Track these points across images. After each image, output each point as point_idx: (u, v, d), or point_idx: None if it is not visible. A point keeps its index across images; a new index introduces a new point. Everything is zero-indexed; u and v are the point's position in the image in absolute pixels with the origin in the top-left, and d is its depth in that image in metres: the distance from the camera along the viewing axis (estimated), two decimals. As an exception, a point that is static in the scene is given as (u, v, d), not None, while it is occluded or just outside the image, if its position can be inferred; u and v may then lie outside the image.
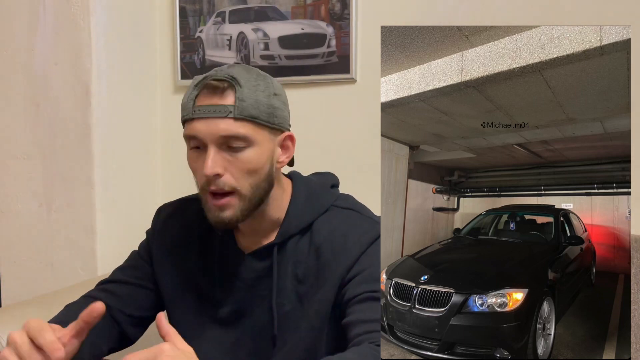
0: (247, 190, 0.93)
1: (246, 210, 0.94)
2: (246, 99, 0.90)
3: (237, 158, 0.91)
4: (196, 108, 0.91)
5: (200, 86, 0.92)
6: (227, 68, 0.94)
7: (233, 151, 0.91)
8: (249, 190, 0.93)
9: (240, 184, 0.92)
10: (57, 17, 1.72)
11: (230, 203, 0.92)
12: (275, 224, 1.02)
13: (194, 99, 0.92)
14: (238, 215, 0.93)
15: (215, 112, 0.89)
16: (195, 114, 0.90)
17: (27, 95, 1.77)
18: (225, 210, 0.92)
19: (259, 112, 0.91)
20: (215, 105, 0.90)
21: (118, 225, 1.80)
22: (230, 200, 0.92)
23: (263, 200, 0.97)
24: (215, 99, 0.90)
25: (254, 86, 0.92)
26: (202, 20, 1.90)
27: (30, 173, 1.79)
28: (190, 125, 0.91)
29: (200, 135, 0.90)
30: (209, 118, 0.89)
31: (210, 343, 1.03)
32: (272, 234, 1.02)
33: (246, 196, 0.93)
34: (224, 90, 0.90)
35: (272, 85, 0.95)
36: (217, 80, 0.90)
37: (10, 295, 1.84)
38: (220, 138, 0.89)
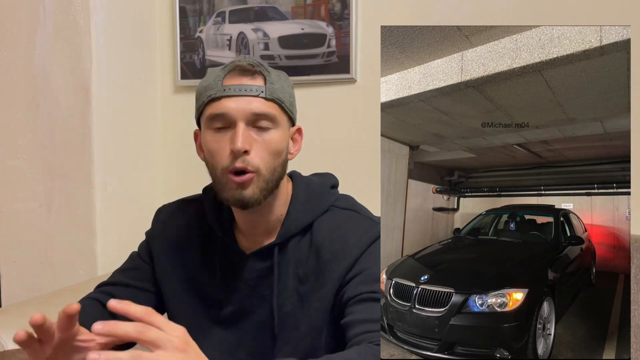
0: (267, 172, 0.94)
1: (265, 191, 0.95)
2: (275, 82, 0.95)
3: (263, 138, 0.94)
4: (226, 87, 0.93)
5: (228, 68, 0.95)
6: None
7: (260, 131, 0.94)
8: (269, 171, 0.95)
9: (263, 164, 0.94)
10: (57, 17, 1.72)
11: (252, 181, 0.93)
12: (275, 223, 1.02)
13: (221, 79, 0.94)
14: (258, 194, 0.94)
15: (247, 90, 0.93)
16: (225, 92, 0.93)
17: (27, 95, 1.77)
18: (247, 188, 0.93)
19: (284, 97, 0.96)
20: (247, 85, 0.93)
21: (118, 225, 1.80)
22: (252, 176, 0.93)
23: (277, 186, 0.98)
24: (245, 80, 0.94)
25: (277, 75, 0.97)
26: (202, 20, 1.90)
27: (30, 173, 1.79)
28: (218, 104, 0.93)
29: (232, 113, 0.92)
30: (240, 96, 0.93)
31: (211, 343, 1.02)
32: (272, 234, 1.02)
33: (266, 177, 0.94)
34: (254, 73, 0.94)
35: (289, 79, 1.01)
36: (248, 64, 0.95)
37: (10, 295, 1.84)
38: (251, 115, 0.92)
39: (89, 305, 1.06)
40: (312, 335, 0.99)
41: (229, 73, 0.94)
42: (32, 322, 0.71)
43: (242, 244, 1.04)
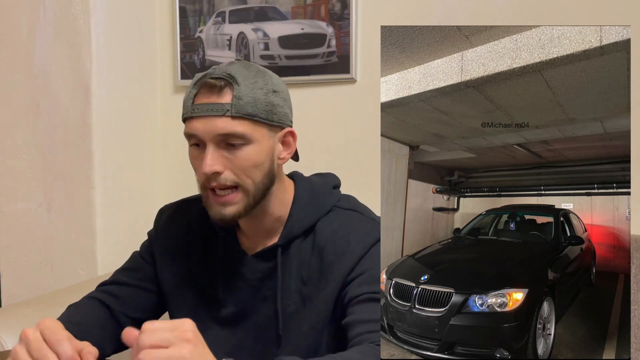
0: (249, 185, 0.93)
1: (248, 205, 0.94)
2: (244, 97, 0.90)
3: (236, 155, 0.91)
4: (194, 107, 0.91)
5: (198, 85, 0.92)
6: (226, 66, 0.94)
7: (232, 149, 0.91)
8: (251, 185, 0.93)
9: (241, 179, 0.92)
10: (57, 17, 1.72)
11: (233, 199, 0.93)
12: (277, 223, 1.02)
13: (192, 97, 0.92)
14: (241, 211, 0.94)
15: (212, 110, 0.89)
16: (193, 113, 0.91)
17: (27, 95, 1.77)
18: (228, 206, 0.93)
19: (257, 110, 0.91)
20: (212, 104, 0.90)
21: (118, 226, 1.80)
22: (233, 196, 0.93)
23: (264, 195, 0.97)
24: (213, 98, 0.90)
25: (252, 84, 0.91)
26: (202, 20, 1.90)
27: (30, 173, 1.79)
28: (190, 124, 0.92)
29: (199, 134, 0.91)
30: (206, 117, 0.90)
31: (212, 344, 1.02)
32: (274, 235, 1.02)
33: (249, 191, 0.93)
34: (221, 89, 0.90)
35: (272, 82, 0.95)
36: (214, 78, 0.90)
37: (10, 295, 1.84)
38: (217, 136, 0.90)
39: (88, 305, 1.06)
40: (313, 335, 0.99)
41: (199, 90, 0.91)
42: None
43: (244, 244, 1.04)
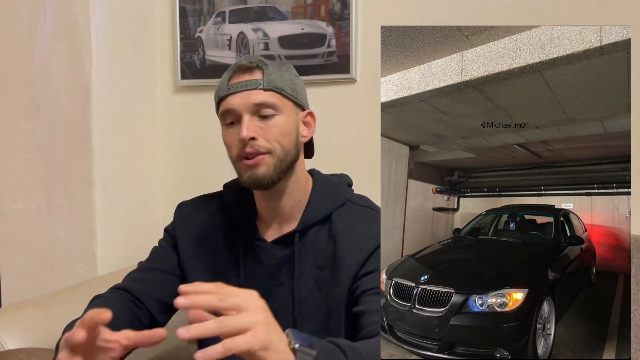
0: (279, 151, 1.03)
1: (278, 169, 1.03)
2: (272, 74, 1.04)
3: (268, 124, 1.03)
4: (230, 86, 1.04)
5: (232, 70, 1.06)
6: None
7: (264, 119, 1.03)
8: (280, 151, 1.03)
9: (273, 146, 1.03)
10: (57, 17, 1.72)
11: (263, 160, 1.02)
12: (295, 209, 1.10)
13: (227, 80, 1.05)
14: (272, 172, 1.03)
15: (247, 85, 1.03)
16: (229, 90, 1.04)
17: (27, 95, 1.77)
18: (259, 167, 1.02)
19: (284, 86, 1.05)
20: (246, 81, 1.04)
21: (118, 226, 1.80)
22: (263, 157, 1.02)
23: (290, 166, 1.06)
24: (246, 76, 1.04)
25: (278, 66, 1.07)
26: (202, 20, 1.90)
27: (30, 173, 1.79)
28: (226, 101, 1.04)
29: (236, 107, 1.03)
30: (242, 91, 1.03)
31: None
32: (292, 223, 1.10)
33: (279, 156, 1.03)
34: (253, 69, 1.04)
35: (293, 69, 1.11)
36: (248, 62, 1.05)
37: (10, 295, 1.84)
38: (252, 107, 1.02)
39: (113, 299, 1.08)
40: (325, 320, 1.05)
41: (233, 74, 1.05)
42: (103, 319, 0.73)
43: (264, 232, 1.12)
